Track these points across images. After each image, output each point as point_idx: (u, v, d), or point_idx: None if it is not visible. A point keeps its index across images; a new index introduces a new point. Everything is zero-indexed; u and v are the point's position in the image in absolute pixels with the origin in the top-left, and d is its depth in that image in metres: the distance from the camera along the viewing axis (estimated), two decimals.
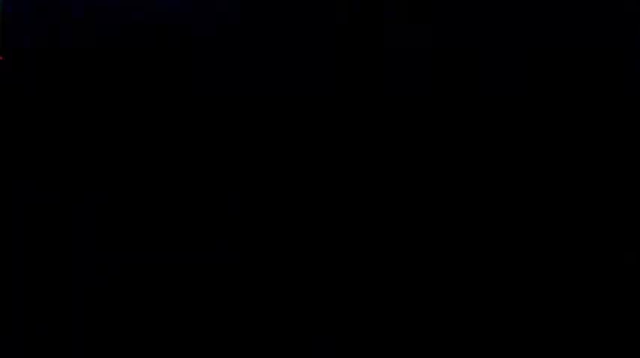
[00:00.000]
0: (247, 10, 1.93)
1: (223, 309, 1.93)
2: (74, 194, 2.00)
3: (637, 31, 1.72)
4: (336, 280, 1.90)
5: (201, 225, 1.95)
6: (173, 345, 1.93)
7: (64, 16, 2.03)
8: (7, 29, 2.04)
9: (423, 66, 1.85)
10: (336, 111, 1.89)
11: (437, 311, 1.85)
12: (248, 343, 1.91)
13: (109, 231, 1.98)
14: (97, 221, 1.98)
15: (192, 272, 1.95)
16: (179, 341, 1.92)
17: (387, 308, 1.86)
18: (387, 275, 1.89)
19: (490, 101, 1.83)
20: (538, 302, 1.82)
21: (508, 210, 1.84)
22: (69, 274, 1.99)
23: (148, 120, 1.98)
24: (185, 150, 1.96)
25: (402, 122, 1.87)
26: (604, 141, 1.80)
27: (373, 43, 1.84)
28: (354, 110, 1.89)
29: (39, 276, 2.00)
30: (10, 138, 2.02)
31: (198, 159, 1.95)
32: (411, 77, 1.86)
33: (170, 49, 1.98)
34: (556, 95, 1.81)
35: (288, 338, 1.89)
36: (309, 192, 1.90)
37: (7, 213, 2.02)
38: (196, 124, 1.95)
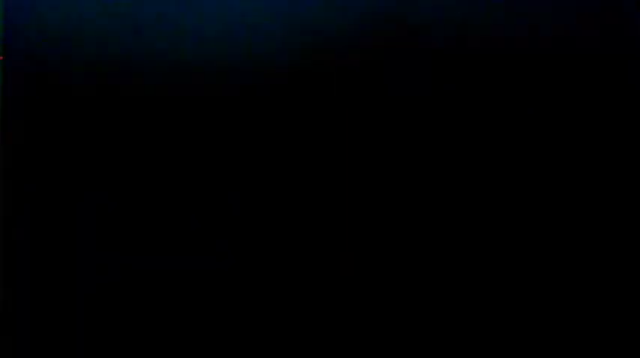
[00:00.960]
0: None
1: (223, 309, 1.93)
2: (74, 194, 2.00)
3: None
4: (336, 281, 1.90)
5: (201, 225, 1.95)
6: (173, 345, 1.92)
7: (66, 15, 2.03)
8: (7, 29, 2.04)
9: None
10: (333, 110, 1.89)
11: (435, 311, 1.84)
12: (248, 343, 1.91)
13: (109, 231, 1.98)
14: (97, 221, 1.98)
15: (192, 272, 1.95)
16: (178, 341, 1.92)
17: (387, 309, 1.86)
18: (386, 276, 1.88)
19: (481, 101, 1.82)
20: (527, 306, 1.81)
21: (512, 210, 1.84)
22: (69, 274, 1.99)
23: (148, 120, 1.98)
24: (184, 149, 1.96)
25: (402, 121, 1.86)
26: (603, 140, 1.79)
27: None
28: (352, 109, 1.88)
29: (38, 276, 2.00)
30: (9, 138, 2.02)
31: (197, 159, 1.95)
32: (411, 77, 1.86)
33: (164, 50, 1.97)
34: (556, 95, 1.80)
35: (287, 338, 1.89)
36: (307, 192, 1.90)
37: (7, 213, 2.02)
38: (192, 124, 1.95)
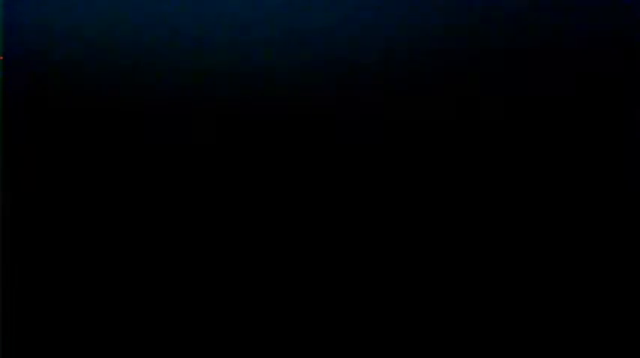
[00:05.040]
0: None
1: (224, 309, 1.94)
2: (74, 193, 2.00)
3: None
4: (336, 281, 1.91)
5: (201, 224, 1.96)
6: (172, 344, 1.93)
7: (65, 15, 2.04)
8: (7, 29, 2.04)
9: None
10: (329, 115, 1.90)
11: (432, 312, 1.85)
12: (248, 345, 1.92)
13: (109, 230, 1.99)
14: (97, 221, 1.99)
15: (193, 271, 1.96)
16: (179, 342, 1.93)
17: (387, 310, 1.87)
18: (386, 277, 1.89)
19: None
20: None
21: (512, 212, 1.85)
22: (69, 274, 2.00)
23: (147, 119, 1.99)
24: (185, 150, 1.96)
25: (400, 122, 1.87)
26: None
27: None
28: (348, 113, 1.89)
29: (40, 276, 2.01)
30: (10, 138, 2.03)
31: (198, 160, 1.95)
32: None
33: (169, 48, 1.98)
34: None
35: (287, 338, 1.89)
36: (308, 194, 1.91)
37: (7, 213, 2.03)
38: (192, 124, 1.96)
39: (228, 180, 1.94)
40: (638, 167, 1.78)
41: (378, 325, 1.86)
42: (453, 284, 1.85)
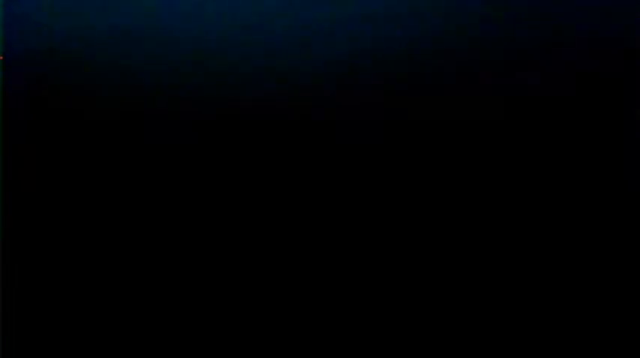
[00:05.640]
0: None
1: (225, 310, 1.94)
2: (74, 193, 2.00)
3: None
4: (337, 280, 1.91)
5: (203, 225, 1.96)
6: (173, 345, 1.93)
7: (65, 15, 2.04)
8: (7, 29, 2.05)
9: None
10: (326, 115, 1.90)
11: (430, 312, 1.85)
12: (248, 345, 1.92)
13: (109, 230, 1.99)
14: (97, 220, 1.99)
15: (193, 271, 1.96)
16: (179, 342, 1.93)
17: (386, 309, 1.87)
18: (386, 275, 1.89)
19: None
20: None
21: (511, 213, 1.85)
22: (68, 273, 2.00)
23: (146, 118, 1.99)
24: (185, 150, 1.96)
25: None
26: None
27: None
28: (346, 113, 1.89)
29: (40, 275, 2.01)
30: (10, 138, 2.03)
31: (198, 159, 1.95)
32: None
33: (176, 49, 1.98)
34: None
35: (289, 340, 1.89)
36: (309, 193, 1.91)
37: (7, 213, 2.03)
38: (192, 124, 1.96)
39: (228, 180, 1.95)
40: (638, 167, 1.78)
41: (378, 325, 1.86)
42: (453, 283, 1.85)
